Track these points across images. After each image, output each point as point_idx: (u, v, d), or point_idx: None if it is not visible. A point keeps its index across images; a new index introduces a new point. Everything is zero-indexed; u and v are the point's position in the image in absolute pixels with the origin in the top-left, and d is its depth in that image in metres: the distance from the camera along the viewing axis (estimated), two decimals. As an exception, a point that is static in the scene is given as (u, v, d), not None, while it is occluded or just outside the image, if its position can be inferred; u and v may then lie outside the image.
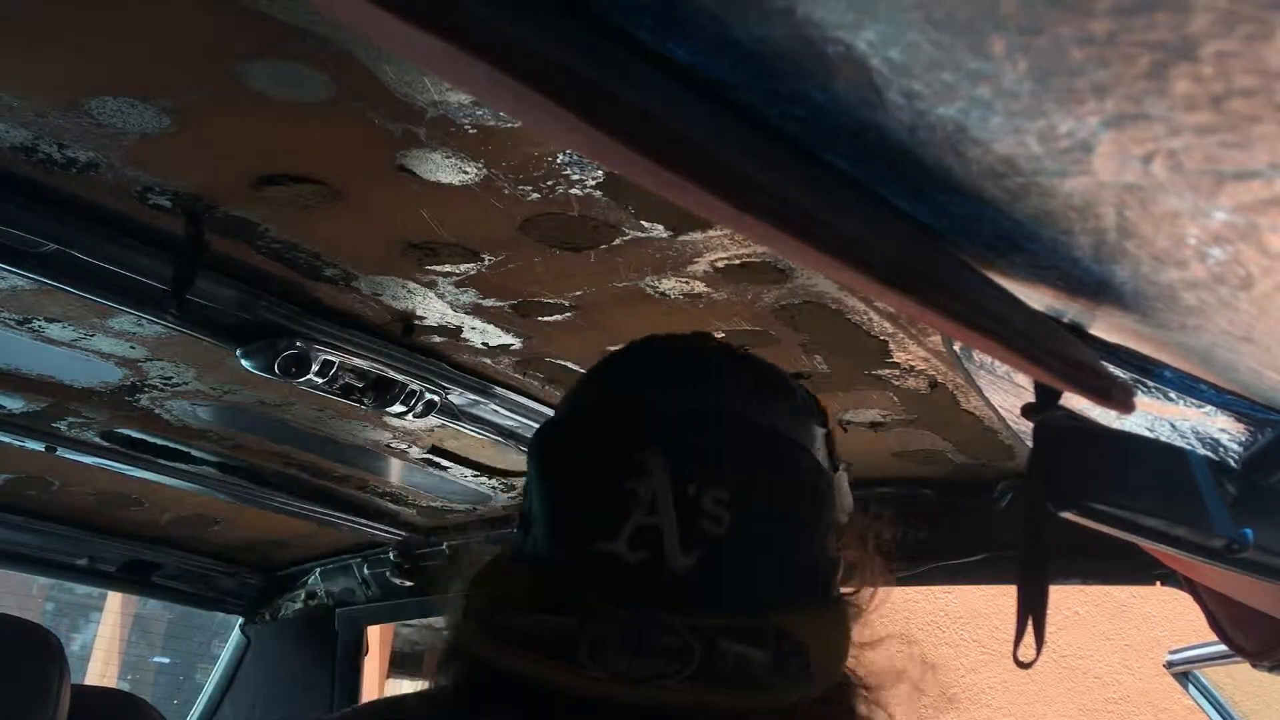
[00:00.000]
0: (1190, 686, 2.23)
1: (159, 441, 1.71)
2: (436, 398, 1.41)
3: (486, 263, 1.12)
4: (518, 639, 0.64)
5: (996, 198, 0.44)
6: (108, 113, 0.88)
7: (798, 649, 0.63)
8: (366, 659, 2.48)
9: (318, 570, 2.37)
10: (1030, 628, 0.67)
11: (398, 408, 1.40)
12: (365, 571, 2.29)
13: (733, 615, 0.63)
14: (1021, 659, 0.65)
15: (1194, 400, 0.66)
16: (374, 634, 2.56)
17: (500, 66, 0.34)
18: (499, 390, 1.45)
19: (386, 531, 2.10)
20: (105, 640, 9.02)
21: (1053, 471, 0.67)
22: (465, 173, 0.94)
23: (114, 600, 8.85)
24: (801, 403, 0.73)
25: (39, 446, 1.66)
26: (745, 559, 0.64)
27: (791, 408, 0.71)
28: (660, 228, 1.01)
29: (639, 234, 1.03)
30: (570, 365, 1.38)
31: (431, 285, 1.18)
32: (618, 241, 1.04)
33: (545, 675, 0.62)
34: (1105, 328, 0.60)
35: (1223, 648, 1.26)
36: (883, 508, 0.78)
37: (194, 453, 1.76)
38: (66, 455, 1.69)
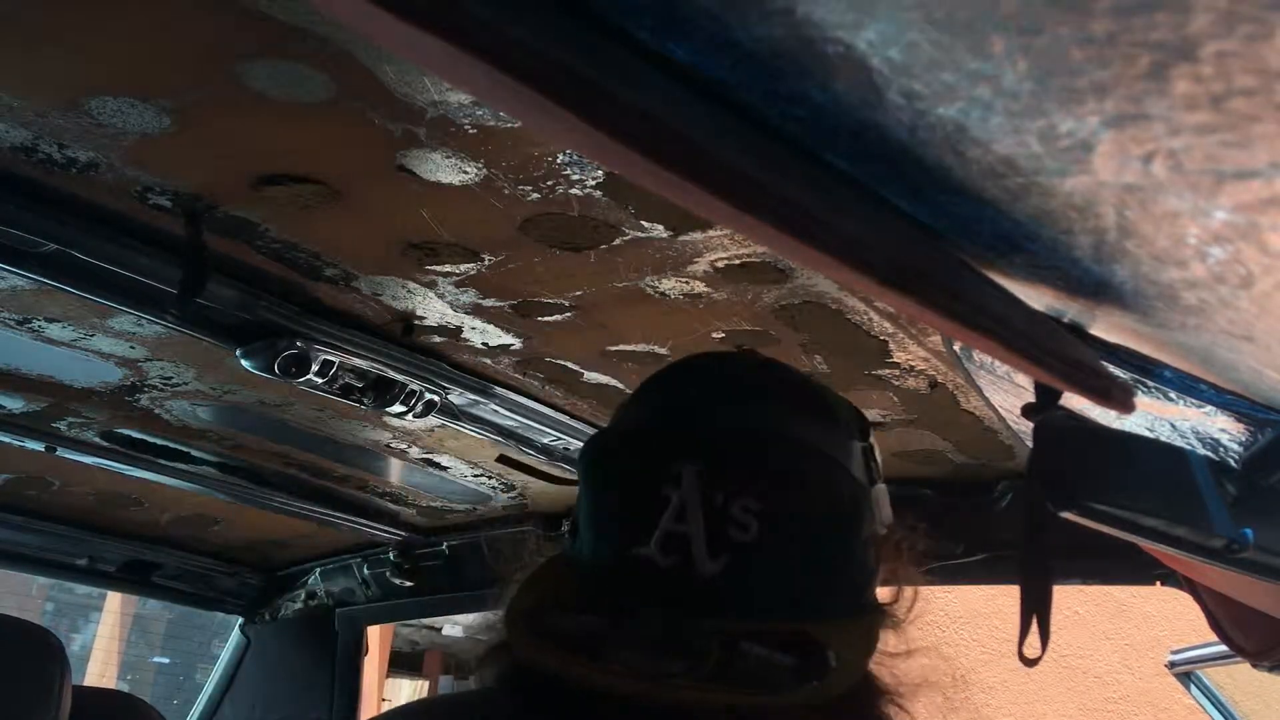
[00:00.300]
0: (1192, 687, 2.23)
1: (159, 441, 1.71)
2: (436, 398, 1.41)
3: (486, 263, 1.12)
4: (556, 639, 0.67)
5: (996, 198, 0.44)
6: (108, 113, 0.88)
7: (819, 654, 0.65)
8: (366, 659, 2.48)
9: (318, 570, 2.37)
10: (1035, 627, 0.68)
11: (398, 408, 1.39)
12: (365, 571, 2.29)
13: (758, 619, 0.65)
14: (1028, 656, 0.66)
15: (1194, 400, 0.66)
16: (374, 634, 2.56)
17: (500, 66, 0.34)
18: (499, 390, 1.45)
19: (386, 531, 2.10)
20: (105, 640, 9.02)
21: (1053, 471, 0.67)
22: (465, 173, 0.94)
23: (114, 600, 8.85)
24: (841, 419, 0.75)
25: (39, 446, 1.66)
26: (773, 567, 0.67)
27: (829, 424, 0.74)
28: (660, 228, 1.01)
29: (639, 234, 1.03)
30: (570, 365, 1.38)
31: (431, 285, 1.18)
32: (618, 241, 1.04)
33: (572, 672, 0.65)
34: (1105, 328, 0.60)
35: (1223, 648, 1.26)
36: None
37: (194, 453, 1.76)
38: (66, 455, 1.69)
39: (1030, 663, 0.67)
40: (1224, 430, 0.70)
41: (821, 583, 0.69)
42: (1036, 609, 0.68)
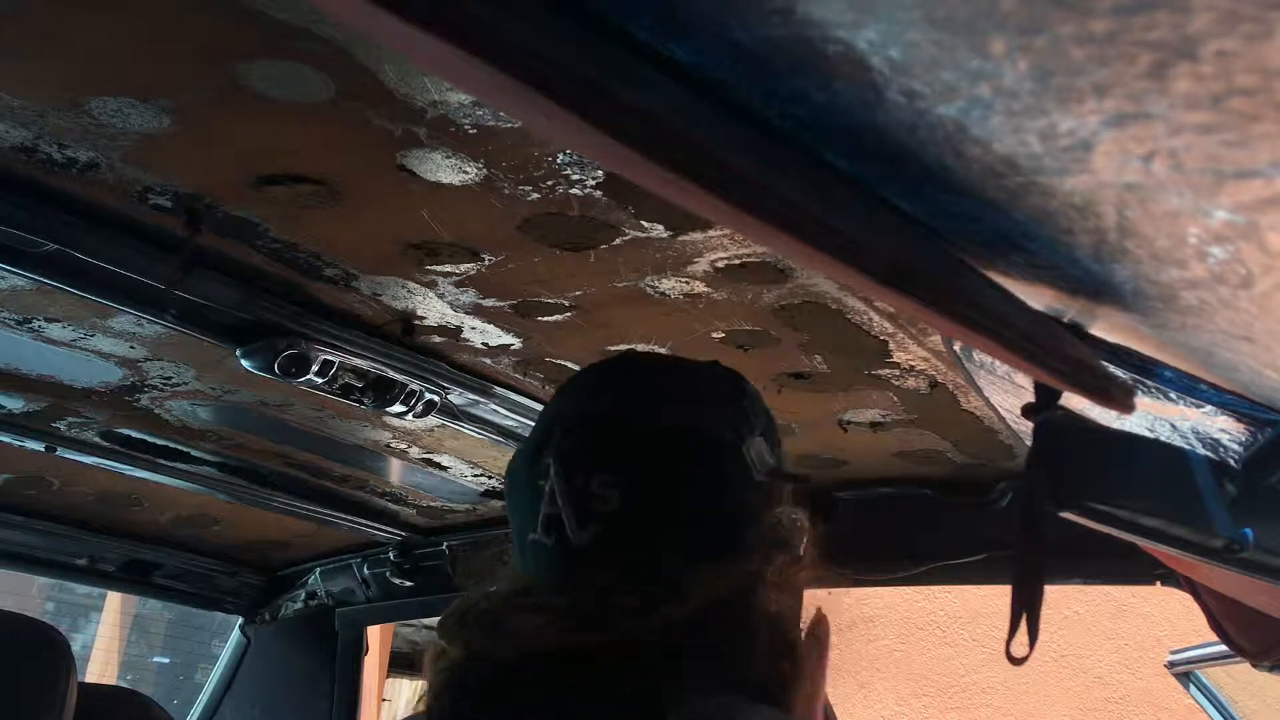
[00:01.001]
0: (1191, 686, 2.23)
1: (159, 441, 1.71)
2: (436, 398, 1.41)
3: (486, 263, 1.12)
4: (470, 626, 0.75)
5: (996, 197, 0.44)
6: (108, 113, 0.88)
7: (676, 590, 0.72)
8: (366, 659, 2.48)
9: (318, 570, 2.37)
10: (1024, 624, 0.68)
11: (398, 408, 1.40)
12: (365, 571, 2.29)
13: (626, 574, 0.73)
14: (1015, 654, 0.66)
15: (1194, 400, 0.66)
16: (374, 634, 2.56)
17: (500, 66, 0.34)
18: (499, 390, 1.45)
19: (386, 531, 2.10)
20: (105, 640, 9.02)
21: (1053, 471, 0.67)
22: (465, 173, 0.94)
23: (114, 600, 8.84)
24: (700, 389, 0.83)
25: (39, 446, 1.66)
26: (638, 528, 0.75)
27: (684, 395, 0.82)
28: (660, 228, 1.01)
29: (639, 234, 1.03)
30: (570, 365, 1.38)
31: (431, 285, 1.18)
32: (618, 241, 1.04)
33: (474, 649, 0.74)
34: (1105, 328, 0.60)
35: (1223, 648, 1.26)
36: (883, 507, 0.81)
37: (194, 453, 1.76)
38: (66, 455, 1.69)
39: (1018, 661, 0.67)
40: (1224, 430, 0.70)
41: (687, 533, 0.76)
42: (1027, 608, 0.69)
